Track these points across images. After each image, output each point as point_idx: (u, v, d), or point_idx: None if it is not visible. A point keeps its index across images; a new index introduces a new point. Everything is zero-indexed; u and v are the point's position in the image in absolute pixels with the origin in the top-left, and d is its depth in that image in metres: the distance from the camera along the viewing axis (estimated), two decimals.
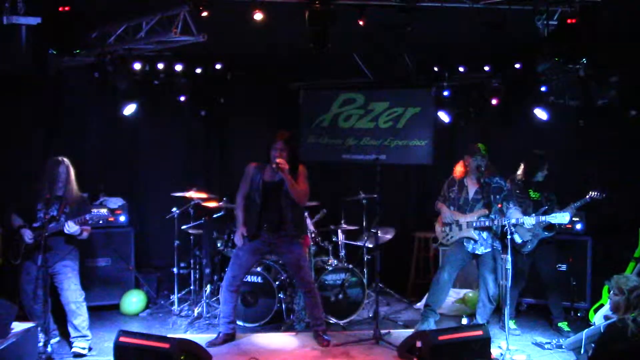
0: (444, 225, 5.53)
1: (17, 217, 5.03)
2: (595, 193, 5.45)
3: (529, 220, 5.12)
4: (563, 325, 5.68)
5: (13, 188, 6.05)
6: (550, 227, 5.57)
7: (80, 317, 5.03)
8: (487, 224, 5.28)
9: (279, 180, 5.10)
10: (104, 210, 4.94)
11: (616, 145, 6.59)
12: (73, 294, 5.02)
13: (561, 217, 5.12)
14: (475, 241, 5.34)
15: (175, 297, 6.38)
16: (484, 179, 5.32)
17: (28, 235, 4.89)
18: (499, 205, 5.24)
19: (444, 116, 7.30)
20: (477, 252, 5.37)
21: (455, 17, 5.21)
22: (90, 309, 5.26)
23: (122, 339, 4.41)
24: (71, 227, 4.84)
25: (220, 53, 6.91)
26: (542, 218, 5.19)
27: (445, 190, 5.60)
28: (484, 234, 5.34)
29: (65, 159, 5.04)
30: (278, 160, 4.95)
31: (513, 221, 5.08)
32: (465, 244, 5.39)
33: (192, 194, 6.32)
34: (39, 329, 4.60)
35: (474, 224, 5.32)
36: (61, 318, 5.17)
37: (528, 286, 5.92)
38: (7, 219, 5.08)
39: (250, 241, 5.23)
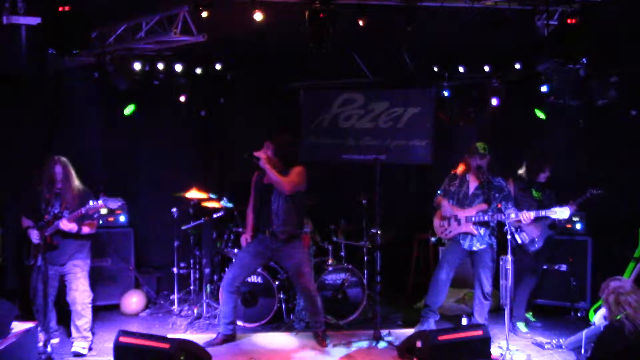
0: (442, 219, 5.53)
1: (25, 219, 5.06)
2: (594, 190, 5.49)
3: (527, 215, 5.12)
4: (521, 325, 5.74)
5: (13, 188, 6.07)
6: (552, 226, 5.59)
7: (84, 318, 5.04)
8: (485, 219, 5.28)
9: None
10: (99, 202, 4.84)
11: (616, 145, 6.59)
12: (80, 295, 5.03)
13: (561, 212, 5.10)
14: (473, 236, 5.34)
15: (175, 297, 6.38)
16: (486, 177, 5.32)
17: (35, 236, 4.91)
18: (499, 205, 5.24)
19: (444, 116, 7.28)
20: (473, 248, 5.37)
21: (455, 17, 5.21)
22: (92, 309, 5.26)
23: (122, 339, 4.41)
24: (64, 226, 4.85)
25: (220, 53, 6.91)
26: (542, 213, 5.19)
27: (446, 184, 5.60)
28: (481, 230, 5.35)
29: (62, 157, 5.04)
30: (255, 153, 5.00)
31: (513, 216, 5.09)
32: (461, 241, 5.39)
33: (192, 194, 6.32)
34: (39, 328, 4.60)
35: (473, 219, 5.32)
36: (64, 317, 5.18)
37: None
38: (14, 221, 5.11)
39: (252, 239, 5.26)
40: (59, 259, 4.95)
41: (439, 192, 5.63)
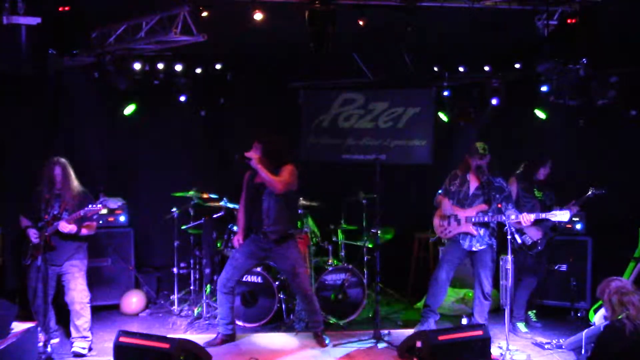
0: (442, 218, 5.53)
1: (23, 219, 5.06)
2: (597, 190, 5.48)
3: (527, 217, 5.11)
4: (521, 325, 5.75)
5: (13, 188, 6.07)
6: (553, 227, 5.60)
7: (83, 318, 5.04)
8: (485, 220, 5.28)
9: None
10: (98, 205, 4.86)
11: (616, 145, 6.58)
12: (79, 295, 5.03)
13: (561, 215, 5.10)
14: (473, 236, 5.34)
15: (175, 297, 6.38)
16: (486, 178, 5.31)
17: (34, 235, 4.91)
18: (499, 205, 5.25)
19: (444, 116, 7.29)
20: (473, 249, 5.37)
21: (455, 17, 5.21)
22: (91, 309, 5.24)
23: (122, 339, 4.41)
24: (64, 227, 4.85)
25: (220, 53, 6.91)
26: (542, 215, 5.19)
27: (446, 183, 5.59)
28: (481, 231, 5.35)
29: (61, 159, 5.05)
30: (246, 154, 4.98)
31: (513, 217, 5.08)
32: (461, 241, 5.39)
33: (192, 194, 6.32)
34: (39, 328, 4.60)
35: (473, 219, 5.32)
36: (63, 317, 5.18)
37: None
38: (13, 220, 5.11)
39: (245, 239, 5.26)
40: (57, 260, 4.94)
41: (439, 191, 5.63)
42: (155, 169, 7.37)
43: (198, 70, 7.00)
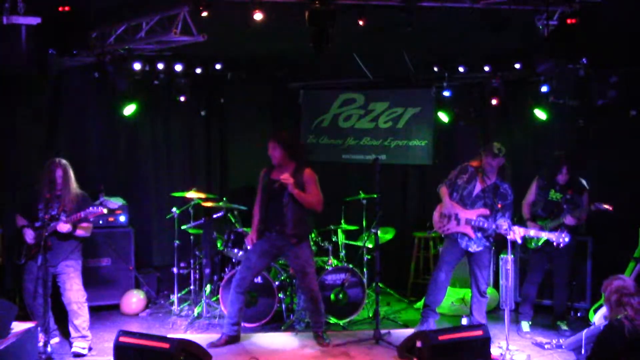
0: (442, 215, 5.52)
1: (20, 218, 5.05)
2: (602, 206, 5.45)
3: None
4: (562, 324, 5.72)
5: (13, 188, 6.08)
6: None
7: (81, 317, 5.04)
8: (485, 226, 5.28)
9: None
10: (100, 208, 4.84)
11: (616, 145, 6.58)
12: (75, 294, 5.02)
13: (554, 237, 5.00)
14: (470, 238, 5.34)
15: (175, 297, 6.39)
16: (492, 183, 5.30)
17: (30, 236, 4.91)
18: (499, 205, 5.23)
19: (444, 116, 7.29)
20: (469, 249, 5.37)
21: (455, 17, 5.20)
22: (90, 309, 5.27)
23: (122, 339, 4.41)
24: (62, 227, 4.85)
25: (220, 53, 6.91)
26: (531, 233, 5.19)
27: (454, 175, 5.55)
28: (478, 234, 5.35)
29: (62, 160, 5.04)
30: (282, 177, 4.97)
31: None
32: (459, 240, 5.39)
33: (192, 194, 6.32)
34: (39, 328, 4.60)
35: (472, 223, 5.32)
36: (62, 318, 5.18)
37: None
38: (11, 220, 5.11)
39: (258, 239, 5.25)
40: (53, 260, 4.92)
41: (446, 181, 5.58)
42: (155, 169, 7.38)
43: (198, 70, 7.00)
